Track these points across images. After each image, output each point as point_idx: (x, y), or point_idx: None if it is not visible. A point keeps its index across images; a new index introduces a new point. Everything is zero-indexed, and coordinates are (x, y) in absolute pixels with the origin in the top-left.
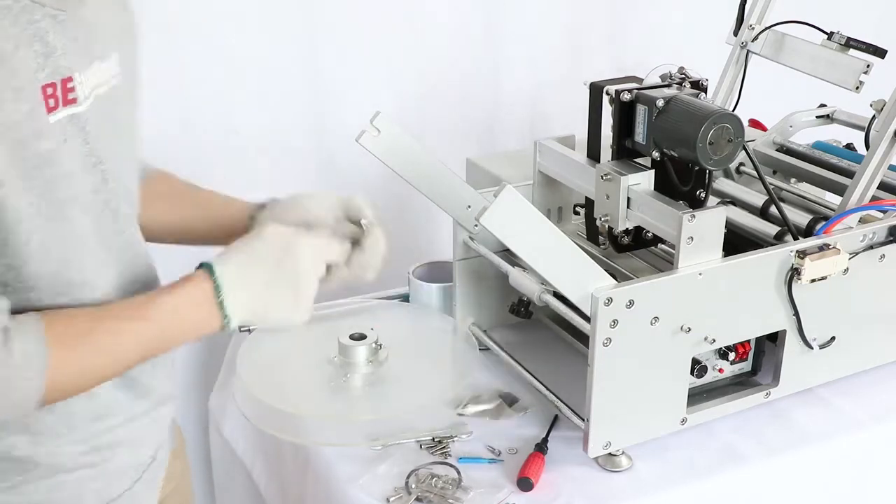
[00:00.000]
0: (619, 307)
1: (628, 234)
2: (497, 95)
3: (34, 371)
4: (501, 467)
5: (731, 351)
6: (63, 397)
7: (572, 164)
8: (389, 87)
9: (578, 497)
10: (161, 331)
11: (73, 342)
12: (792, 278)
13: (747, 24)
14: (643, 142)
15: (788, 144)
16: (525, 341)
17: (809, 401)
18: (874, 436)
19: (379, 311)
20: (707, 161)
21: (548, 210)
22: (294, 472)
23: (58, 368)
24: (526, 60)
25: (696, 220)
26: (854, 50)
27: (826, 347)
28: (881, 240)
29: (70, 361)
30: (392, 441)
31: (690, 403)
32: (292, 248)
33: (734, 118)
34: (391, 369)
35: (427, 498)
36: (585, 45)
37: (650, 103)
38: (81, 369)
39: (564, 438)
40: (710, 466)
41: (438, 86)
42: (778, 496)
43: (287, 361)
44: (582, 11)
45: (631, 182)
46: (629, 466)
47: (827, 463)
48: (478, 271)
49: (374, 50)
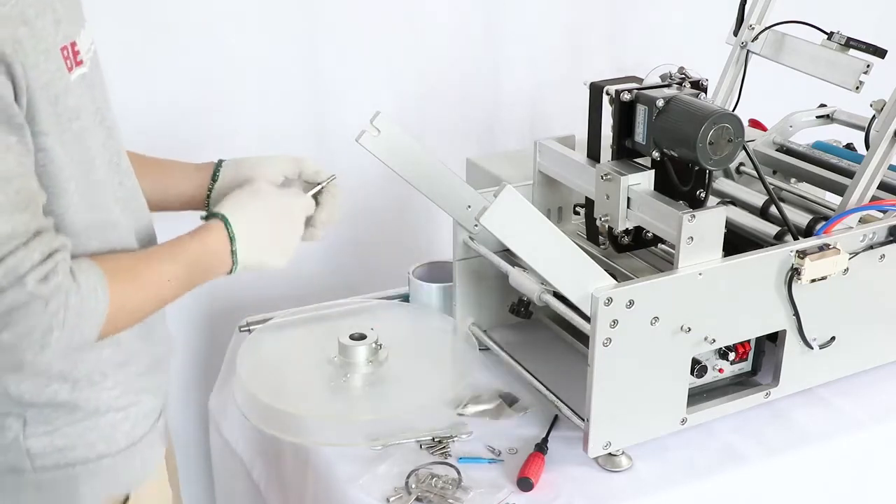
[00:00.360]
0: (619, 307)
1: (628, 234)
2: (497, 95)
3: (99, 301)
4: (501, 467)
5: (731, 351)
6: (115, 330)
7: (572, 164)
8: (389, 87)
9: (578, 497)
10: (188, 274)
11: (123, 278)
12: (792, 278)
13: (747, 24)
14: (643, 142)
15: (788, 144)
16: (525, 341)
17: (809, 401)
18: (874, 436)
19: (379, 311)
20: (707, 161)
21: (548, 210)
22: (294, 472)
23: (114, 300)
24: (526, 60)
25: (696, 220)
26: (854, 50)
27: (826, 347)
28: (881, 240)
29: (122, 294)
30: (392, 441)
31: (690, 403)
32: (287, 207)
33: (734, 118)
34: (391, 369)
35: (427, 498)
36: (585, 45)
37: (650, 103)
38: (131, 302)
39: (564, 438)
40: (710, 466)
41: (438, 86)
42: (778, 496)
43: (287, 361)
44: (582, 11)
45: (631, 182)
46: (629, 466)
47: (827, 463)
48: (478, 271)
49: (374, 50)
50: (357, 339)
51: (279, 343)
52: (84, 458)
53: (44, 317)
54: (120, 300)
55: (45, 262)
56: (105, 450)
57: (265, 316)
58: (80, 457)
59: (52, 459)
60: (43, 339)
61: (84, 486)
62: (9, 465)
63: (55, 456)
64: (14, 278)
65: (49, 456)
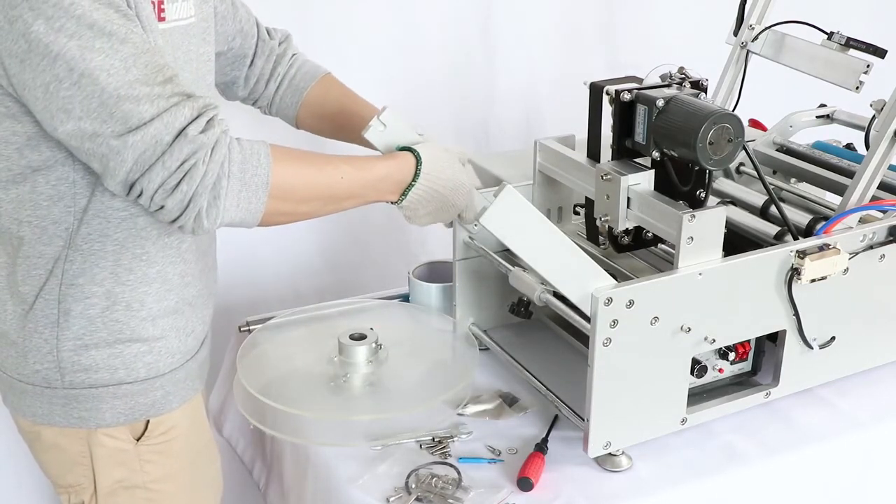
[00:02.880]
0: (619, 307)
1: (628, 234)
2: (493, 94)
3: (261, 164)
4: (501, 467)
5: (731, 351)
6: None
7: (572, 164)
8: (386, 87)
9: (578, 497)
10: (361, 180)
11: (293, 156)
12: (792, 278)
13: (747, 24)
14: (643, 142)
15: (788, 144)
16: (525, 341)
17: (809, 401)
18: (874, 436)
19: (379, 311)
20: (707, 161)
21: (548, 210)
22: (294, 472)
23: (278, 171)
24: (524, 60)
25: (696, 220)
26: (854, 50)
27: (826, 347)
28: (881, 240)
29: (290, 169)
30: (392, 441)
31: (690, 403)
32: (458, 194)
33: (734, 118)
34: (391, 369)
35: (427, 498)
36: (585, 44)
37: (650, 103)
38: (301, 180)
39: (564, 438)
40: (710, 466)
41: (435, 85)
42: (778, 496)
43: (287, 361)
44: (581, 11)
45: (631, 182)
46: (629, 466)
47: (827, 463)
48: (478, 271)
49: (371, 49)
50: (357, 339)
51: (279, 343)
52: (106, 381)
53: (212, 164)
54: (286, 173)
55: (200, 118)
56: (125, 377)
57: (265, 316)
58: (102, 379)
59: (78, 378)
60: (215, 187)
61: (105, 405)
62: (42, 377)
63: (81, 375)
64: (175, 130)
65: (76, 374)
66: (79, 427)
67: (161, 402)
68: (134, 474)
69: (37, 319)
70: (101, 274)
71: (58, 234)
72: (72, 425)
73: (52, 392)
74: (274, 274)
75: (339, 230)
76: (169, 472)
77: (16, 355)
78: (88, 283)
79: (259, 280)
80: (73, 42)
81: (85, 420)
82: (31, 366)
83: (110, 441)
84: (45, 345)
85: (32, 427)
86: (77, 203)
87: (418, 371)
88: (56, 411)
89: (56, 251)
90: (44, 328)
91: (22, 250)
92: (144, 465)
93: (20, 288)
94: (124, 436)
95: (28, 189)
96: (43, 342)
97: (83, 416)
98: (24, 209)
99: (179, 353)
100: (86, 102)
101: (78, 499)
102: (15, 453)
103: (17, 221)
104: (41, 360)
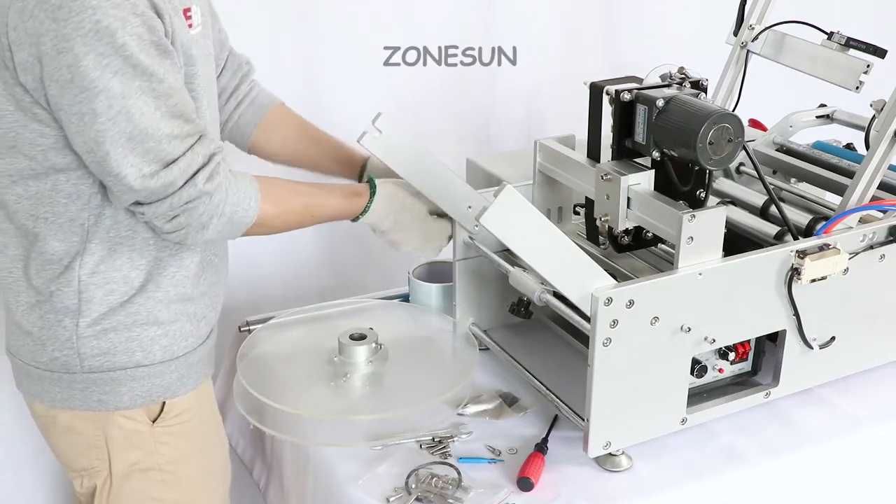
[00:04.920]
0: (619, 307)
1: (628, 234)
2: (493, 94)
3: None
4: (501, 467)
5: (731, 351)
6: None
7: (572, 164)
8: (387, 88)
9: (578, 497)
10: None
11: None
12: (792, 278)
13: (747, 24)
14: (643, 142)
15: (788, 144)
16: (525, 341)
17: (809, 401)
18: (874, 436)
19: (379, 311)
20: (707, 161)
21: (548, 210)
22: (294, 472)
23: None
24: (524, 60)
25: (696, 220)
26: (854, 50)
27: (826, 347)
28: (881, 240)
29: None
30: (392, 441)
31: (690, 403)
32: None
33: (734, 118)
34: (391, 369)
35: (427, 498)
36: (585, 44)
37: (650, 103)
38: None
39: (564, 438)
40: (710, 466)
41: (436, 86)
42: (778, 496)
43: (287, 362)
44: (581, 11)
45: (631, 182)
46: (629, 466)
47: (827, 463)
48: (478, 271)
49: (371, 49)
50: (357, 339)
51: (279, 343)
52: (124, 364)
53: (209, 207)
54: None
55: (209, 164)
56: (142, 359)
57: (265, 316)
58: (120, 362)
59: (97, 362)
60: (206, 224)
61: (123, 387)
62: (62, 363)
63: (100, 359)
64: (187, 176)
65: (95, 359)
66: (97, 410)
67: (176, 384)
68: (149, 456)
69: (56, 311)
70: (119, 260)
71: (73, 231)
72: (91, 408)
73: (72, 377)
74: (274, 274)
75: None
76: (182, 453)
77: (32, 344)
78: (109, 269)
79: (259, 280)
80: (117, 80)
81: (104, 402)
82: (49, 353)
83: (127, 423)
84: (64, 332)
85: (48, 411)
86: (93, 200)
87: (418, 371)
88: (75, 395)
89: (70, 247)
90: (63, 317)
91: (36, 246)
92: (160, 446)
93: (34, 282)
94: (141, 417)
95: (49, 186)
96: (62, 330)
97: (102, 399)
98: (42, 205)
99: (193, 337)
100: (116, 137)
101: (91, 482)
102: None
103: (34, 218)
104: (60, 347)
